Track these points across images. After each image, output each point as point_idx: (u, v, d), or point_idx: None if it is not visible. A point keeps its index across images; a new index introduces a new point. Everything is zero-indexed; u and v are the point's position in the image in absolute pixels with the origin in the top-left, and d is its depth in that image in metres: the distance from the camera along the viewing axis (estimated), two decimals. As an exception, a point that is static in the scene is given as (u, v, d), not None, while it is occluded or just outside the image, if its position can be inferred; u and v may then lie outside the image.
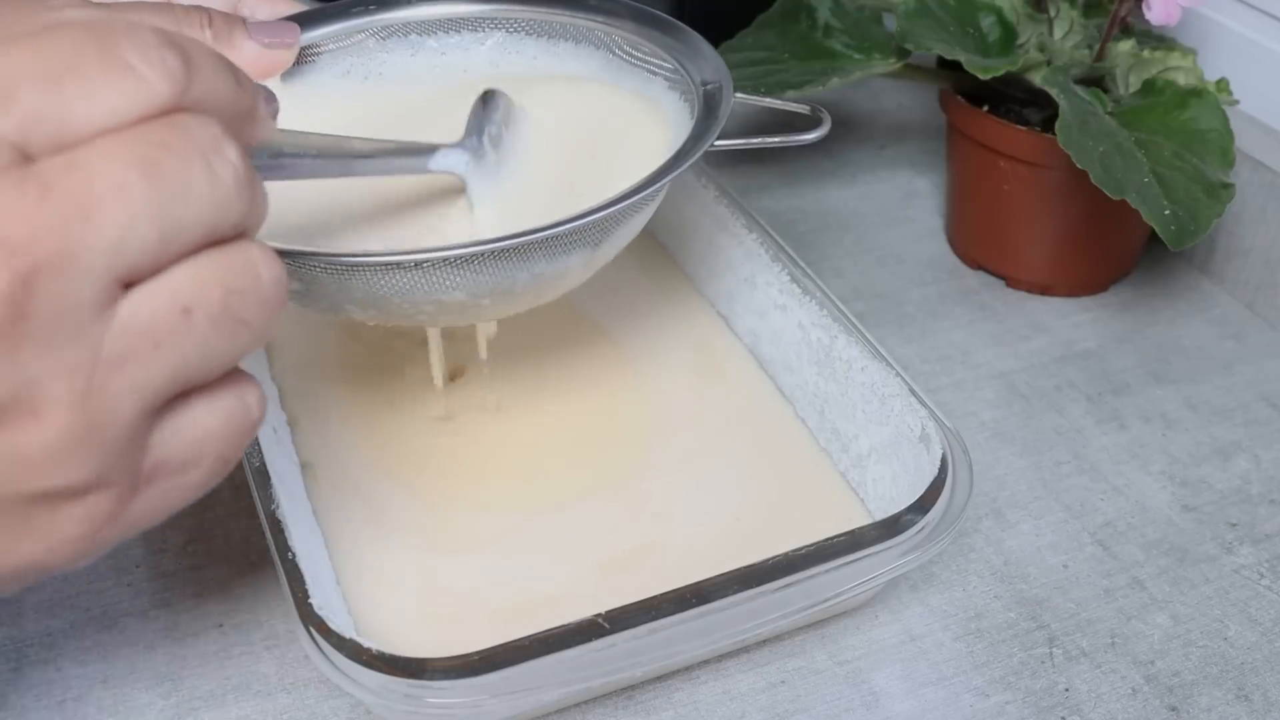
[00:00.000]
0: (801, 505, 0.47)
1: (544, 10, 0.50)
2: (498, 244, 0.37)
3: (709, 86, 0.45)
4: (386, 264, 0.37)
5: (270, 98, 0.33)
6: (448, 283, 0.38)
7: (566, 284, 0.42)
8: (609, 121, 0.46)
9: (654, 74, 0.48)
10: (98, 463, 0.26)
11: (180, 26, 0.43)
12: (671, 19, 0.48)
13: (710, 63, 0.46)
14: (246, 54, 0.45)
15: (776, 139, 0.46)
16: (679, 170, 0.41)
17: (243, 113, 0.28)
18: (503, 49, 0.51)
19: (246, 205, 0.27)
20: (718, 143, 0.42)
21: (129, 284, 0.25)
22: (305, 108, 0.45)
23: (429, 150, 0.41)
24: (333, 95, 0.49)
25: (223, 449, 0.29)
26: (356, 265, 0.38)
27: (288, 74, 0.47)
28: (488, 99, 0.43)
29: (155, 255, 0.25)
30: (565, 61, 0.50)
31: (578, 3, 0.50)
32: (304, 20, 0.47)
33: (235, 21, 0.45)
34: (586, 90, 0.48)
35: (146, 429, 0.27)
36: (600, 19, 0.49)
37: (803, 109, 0.48)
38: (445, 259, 0.37)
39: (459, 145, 0.41)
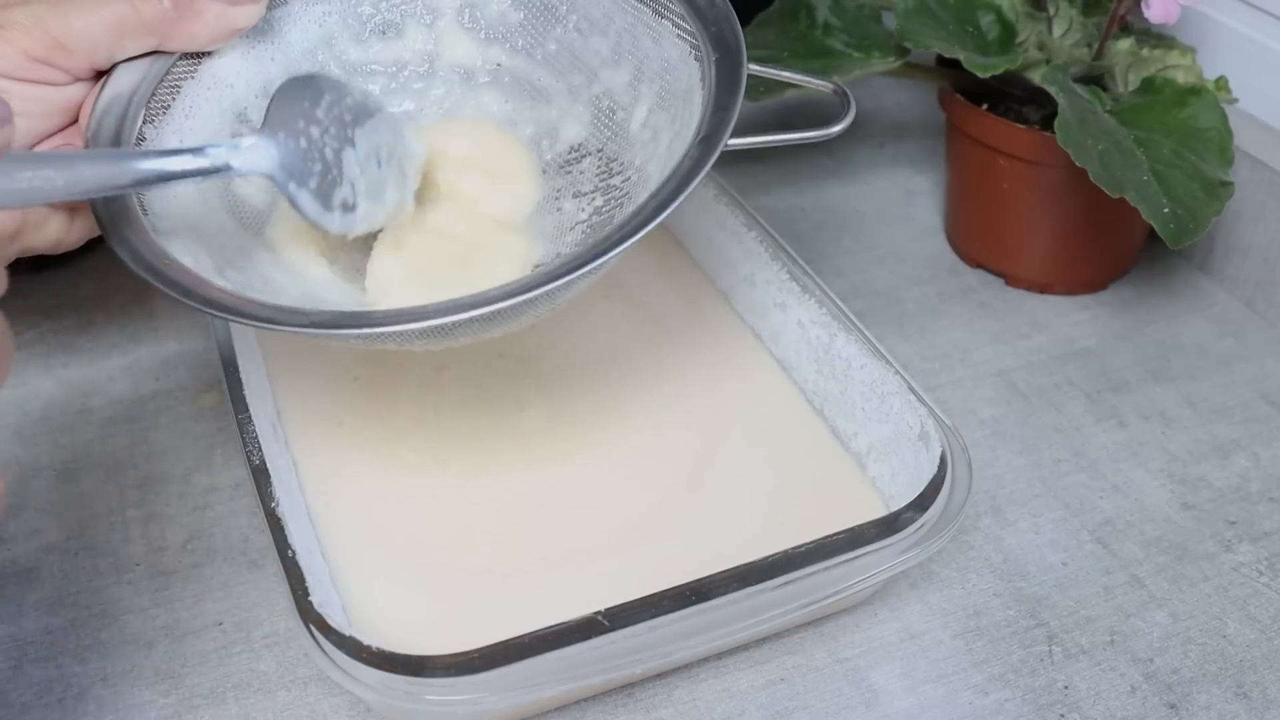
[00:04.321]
0: (825, 505, 0.46)
1: None
2: (556, 283, 0.36)
3: (722, 48, 0.41)
4: (473, 318, 0.36)
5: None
6: (514, 318, 0.39)
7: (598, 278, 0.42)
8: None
9: (663, 16, 0.44)
10: None
11: None
12: None
13: (730, 37, 0.42)
14: (210, 15, 0.43)
15: (800, 135, 0.42)
16: (703, 173, 0.38)
17: None
18: None
19: None
20: (734, 141, 0.39)
21: None
22: (271, 67, 0.44)
23: (212, 149, 0.36)
24: (297, 48, 0.46)
25: None
26: (454, 324, 0.36)
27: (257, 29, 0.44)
28: (302, 84, 0.39)
29: None
30: None
31: None
32: None
33: None
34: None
35: None
36: None
37: (825, 87, 0.45)
38: (518, 304, 0.36)
39: (260, 135, 0.37)
